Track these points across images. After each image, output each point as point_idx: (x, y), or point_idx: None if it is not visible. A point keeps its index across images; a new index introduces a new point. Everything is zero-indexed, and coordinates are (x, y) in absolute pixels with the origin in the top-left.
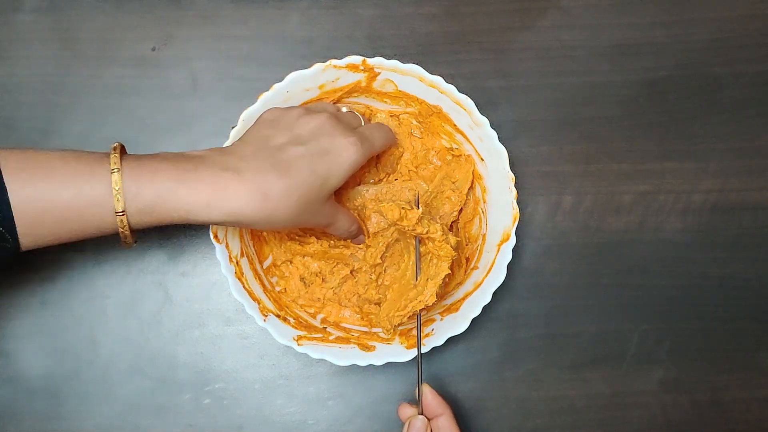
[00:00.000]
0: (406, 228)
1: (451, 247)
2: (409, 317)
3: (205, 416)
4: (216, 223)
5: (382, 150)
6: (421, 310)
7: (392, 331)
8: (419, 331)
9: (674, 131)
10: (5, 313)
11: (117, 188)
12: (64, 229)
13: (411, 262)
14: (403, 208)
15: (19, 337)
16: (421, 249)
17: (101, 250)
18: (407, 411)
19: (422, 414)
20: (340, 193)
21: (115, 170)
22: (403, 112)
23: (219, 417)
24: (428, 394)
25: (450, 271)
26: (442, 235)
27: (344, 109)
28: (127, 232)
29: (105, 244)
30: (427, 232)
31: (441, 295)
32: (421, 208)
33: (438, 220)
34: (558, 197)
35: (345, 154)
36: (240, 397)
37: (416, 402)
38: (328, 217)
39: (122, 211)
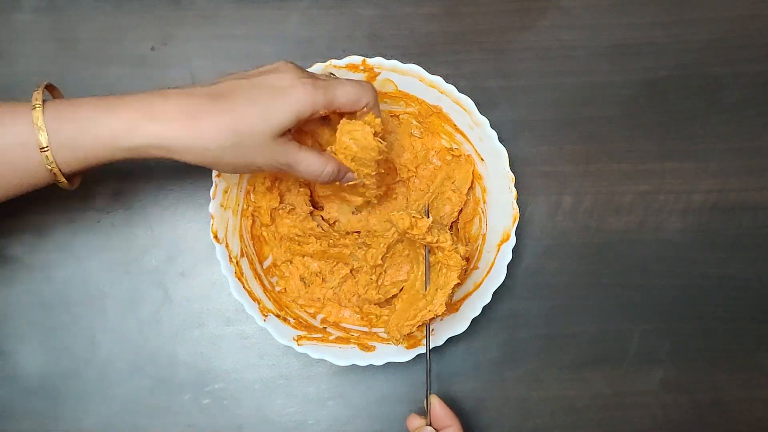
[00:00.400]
0: (416, 237)
1: (460, 256)
2: (418, 327)
3: (205, 416)
4: (141, 151)
5: (346, 106)
6: (430, 320)
7: (401, 340)
8: (428, 341)
9: (674, 131)
10: (4, 313)
11: (39, 123)
12: None
13: (420, 272)
14: (413, 216)
15: (18, 337)
16: (431, 258)
17: (101, 250)
18: (415, 422)
19: (430, 425)
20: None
21: (37, 106)
22: (403, 112)
23: (219, 417)
24: (437, 406)
25: (459, 281)
26: (452, 244)
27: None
28: (56, 170)
29: (105, 243)
30: (437, 241)
31: (449, 305)
32: (431, 217)
33: (448, 230)
34: (558, 197)
35: (292, 91)
36: (240, 397)
37: (424, 413)
38: (283, 155)
39: (46, 147)
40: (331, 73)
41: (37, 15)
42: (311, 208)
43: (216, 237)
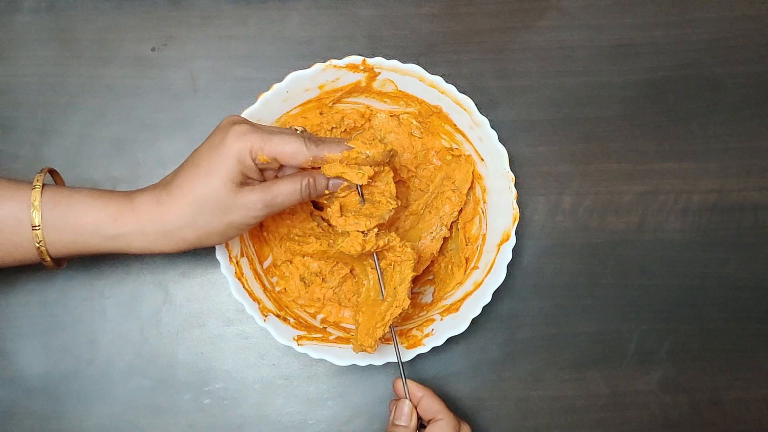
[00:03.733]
0: (371, 250)
1: (410, 248)
2: (391, 325)
3: (205, 416)
4: (122, 240)
5: (284, 155)
6: (399, 315)
7: (375, 345)
8: (394, 335)
9: (674, 131)
10: (5, 313)
11: (35, 203)
12: None
13: (372, 282)
14: (361, 233)
15: (19, 337)
16: (381, 262)
17: None
18: (401, 385)
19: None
20: None
21: (36, 187)
22: (403, 112)
23: (219, 417)
24: (409, 385)
25: (415, 272)
26: (401, 240)
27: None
28: (44, 248)
29: None
30: (387, 243)
31: (413, 298)
32: (371, 221)
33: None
34: (558, 197)
35: (226, 139)
36: (240, 397)
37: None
38: (253, 202)
39: (38, 225)
40: (295, 128)
41: (37, 15)
42: (311, 208)
43: None
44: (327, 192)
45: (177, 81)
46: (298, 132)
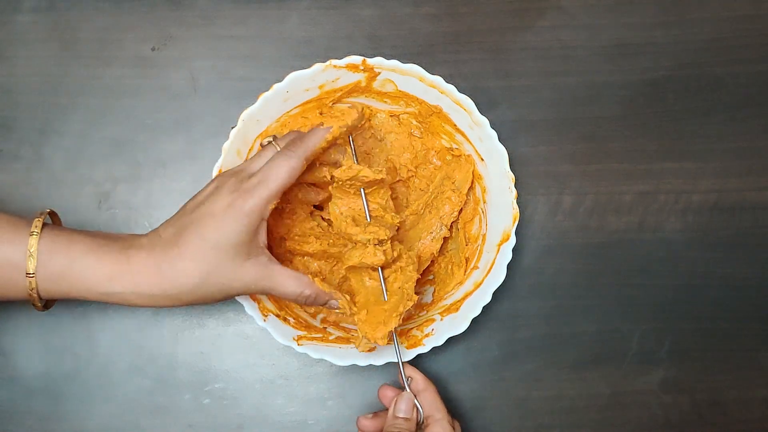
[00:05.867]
0: (389, 260)
1: (413, 254)
2: (401, 317)
3: (205, 416)
4: (117, 297)
5: (287, 181)
6: (412, 306)
7: (385, 338)
8: (394, 333)
9: (674, 131)
10: (5, 313)
11: (32, 250)
12: None
13: (369, 289)
14: (380, 246)
15: (19, 337)
16: (385, 271)
17: None
18: (388, 392)
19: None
20: None
21: (35, 233)
22: (403, 112)
23: (219, 417)
24: (414, 373)
25: (419, 275)
26: (404, 249)
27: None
28: (35, 295)
29: None
30: (398, 254)
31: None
32: (386, 232)
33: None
34: (558, 197)
35: (231, 210)
36: (240, 397)
37: (398, 385)
38: (257, 279)
39: (32, 273)
40: (271, 140)
41: (37, 15)
42: (311, 208)
43: None
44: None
45: (177, 81)
46: (271, 142)
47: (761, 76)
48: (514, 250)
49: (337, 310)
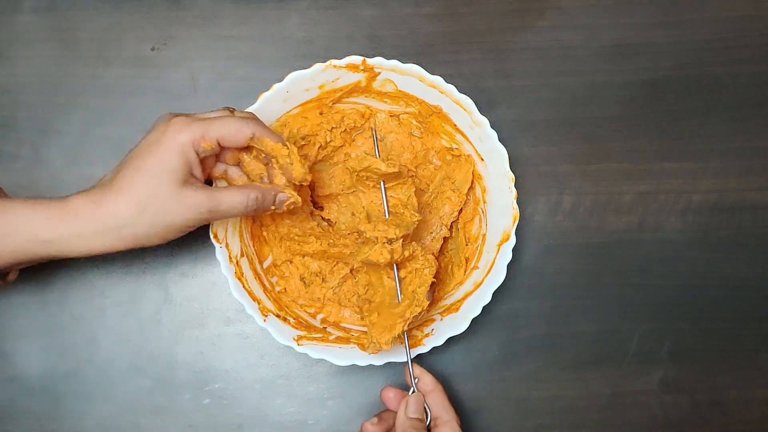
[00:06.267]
0: (398, 259)
1: (433, 256)
2: (409, 324)
3: (205, 416)
4: (61, 244)
5: (228, 138)
6: (419, 314)
7: (391, 342)
8: (405, 336)
9: (674, 131)
10: (5, 313)
11: None
12: None
13: (387, 288)
14: (389, 245)
15: (19, 337)
16: (400, 272)
17: None
18: (391, 394)
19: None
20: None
21: None
22: (403, 112)
23: (219, 417)
24: (422, 373)
25: (435, 279)
26: (422, 250)
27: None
28: None
29: None
30: (411, 253)
31: (431, 300)
32: (396, 233)
33: (412, 241)
34: (558, 197)
35: (167, 135)
36: (240, 397)
37: (403, 387)
38: (197, 205)
39: None
40: (229, 108)
41: (37, 15)
42: (311, 208)
43: (216, 237)
44: (273, 208)
45: (177, 81)
46: (229, 110)
47: (761, 76)
48: (514, 250)
49: (288, 203)
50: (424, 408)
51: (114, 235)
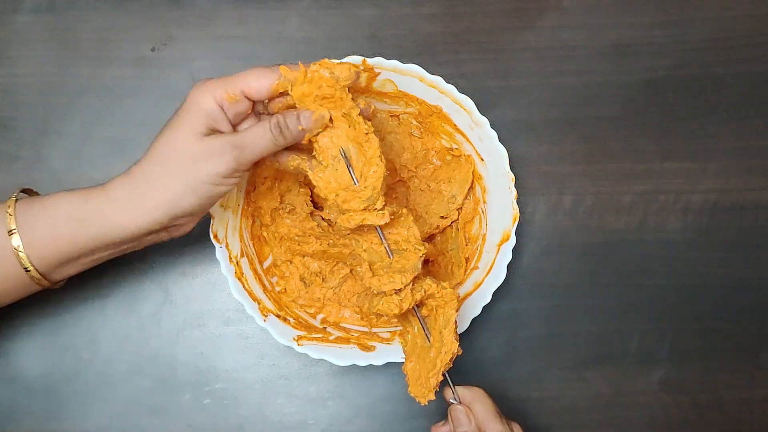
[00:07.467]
0: (409, 307)
1: (451, 289)
2: (442, 372)
3: (205, 416)
4: (98, 228)
5: (253, 87)
6: (450, 360)
7: (431, 394)
8: (448, 377)
9: (674, 131)
10: (5, 313)
11: (10, 211)
12: None
13: (417, 329)
14: (397, 296)
15: (19, 337)
16: (423, 311)
17: None
18: (440, 429)
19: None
20: None
21: (11, 197)
22: (403, 112)
23: (219, 417)
24: (462, 390)
25: (457, 313)
26: (437, 286)
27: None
28: (23, 254)
29: None
30: (424, 294)
31: (457, 339)
32: (404, 277)
33: (424, 277)
34: (558, 197)
35: (190, 97)
36: (240, 397)
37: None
38: (217, 152)
39: (14, 229)
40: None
41: (37, 15)
42: (311, 208)
43: (216, 237)
44: (301, 128)
45: (177, 81)
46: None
47: (761, 76)
48: (514, 250)
49: (315, 117)
50: (470, 416)
51: (147, 198)
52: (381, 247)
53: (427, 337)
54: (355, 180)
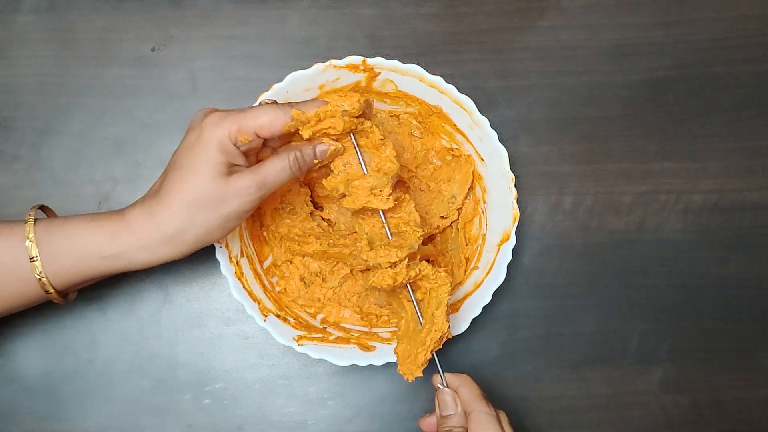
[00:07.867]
0: (402, 282)
1: (446, 273)
2: (432, 350)
3: (205, 416)
4: (122, 263)
5: (263, 128)
6: (440, 339)
7: (418, 371)
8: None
9: (674, 131)
10: None
11: (30, 236)
12: None
13: (410, 313)
14: (392, 269)
15: (19, 337)
16: (417, 295)
17: None
18: (427, 419)
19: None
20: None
21: (29, 220)
22: (403, 112)
23: (219, 417)
24: (449, 376)
25: (450, 295)
26: (433, 268)
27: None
28: (45, 279)
29: None
30: (418, 273)
31: (448, 320)
32: (401, 252)
33: (420, 260)
34: (558, 197)
35: (203, 133)
36: (240, 397)
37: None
38: (243, 193)
39: (35, 257)
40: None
41: (37, 15)
42: (311, 208)
43: None
44: (316, 161)
45: (177, 81)
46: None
47: (761, 76)
48: (514, 250)
49: (330, 151)
50: (456, 400)
51: (176, 240)
52: (382, 230)
53: (420, 320)
54: (365, 169)
